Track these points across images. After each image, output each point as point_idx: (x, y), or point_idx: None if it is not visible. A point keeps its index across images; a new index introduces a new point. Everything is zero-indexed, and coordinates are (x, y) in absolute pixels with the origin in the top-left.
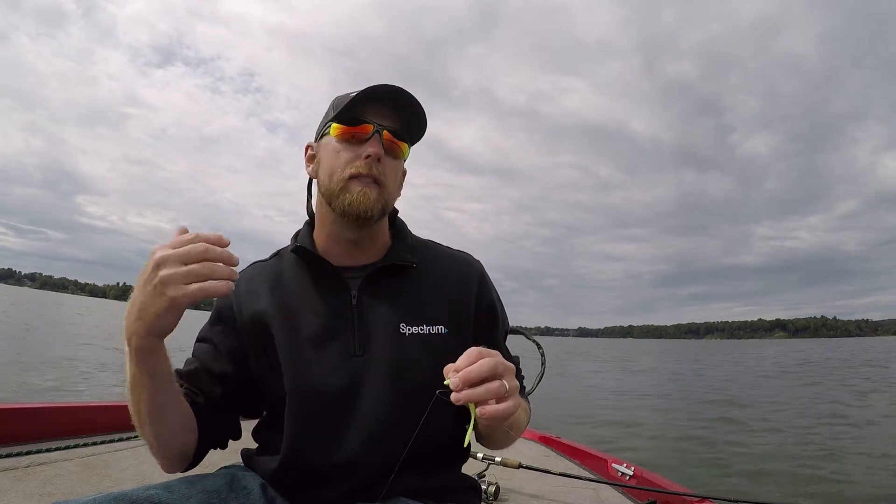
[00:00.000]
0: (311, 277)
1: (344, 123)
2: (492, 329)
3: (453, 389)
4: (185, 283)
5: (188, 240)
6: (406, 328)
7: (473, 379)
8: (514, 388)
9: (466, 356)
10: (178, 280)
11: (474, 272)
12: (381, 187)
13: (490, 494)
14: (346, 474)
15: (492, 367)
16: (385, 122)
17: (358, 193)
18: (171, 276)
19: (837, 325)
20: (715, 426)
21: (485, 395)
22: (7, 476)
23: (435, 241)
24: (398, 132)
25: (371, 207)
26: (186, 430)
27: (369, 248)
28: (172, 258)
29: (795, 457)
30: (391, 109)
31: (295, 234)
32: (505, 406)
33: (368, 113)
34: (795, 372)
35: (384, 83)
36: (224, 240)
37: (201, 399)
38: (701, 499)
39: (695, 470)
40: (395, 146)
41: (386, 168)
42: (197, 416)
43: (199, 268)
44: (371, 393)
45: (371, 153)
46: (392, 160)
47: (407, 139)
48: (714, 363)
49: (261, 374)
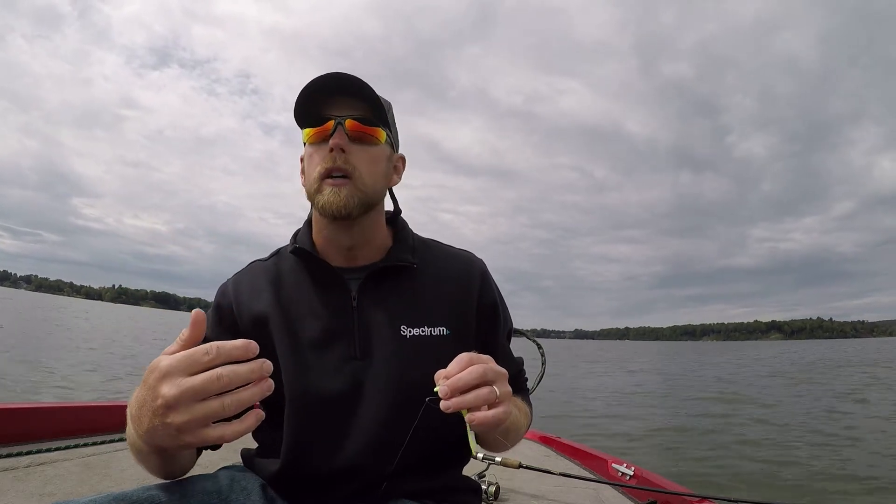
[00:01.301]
0: (310, 279)
1: (308, 125)
2: (494, 329)
3: (442, 397)
4: (204, 427)
5: (205, 364)
6: (407, 330)
7: (462, 387)
8: (505, 394)
9: (457, 362)
10: (194, 427)
11: (476, 271)
12: (354, 180)
13: (490, 494)
14: (347, 477)
15: (481, 374)
16: (348, 112)
17: (329, 193)
18: (187, 424)
19: (833, 326)
20: (715, 426)
21: (474, 402)
22: (7, 476)
23: (436, 240)
24: (366, 119)
25: (345, 204)
26: (188, 462)
27: (366, 248)
28: (186, 397)
29: (795, 457)
30: (353, 98)
31: (294, 235)
32: (494, 413)
33: (329, 107)
34: (794, 372)
35: (323, 74)
36: (251, 349)
37: None
38: (701, 499)
39: (695, 470)
40: (365, 133)
41: (356, 159)
42: None
43: (219, 408)
44: (372, 396)
45: (332, 144)
46: (365, 148)
47: (379, 124)
48: (712, 364)
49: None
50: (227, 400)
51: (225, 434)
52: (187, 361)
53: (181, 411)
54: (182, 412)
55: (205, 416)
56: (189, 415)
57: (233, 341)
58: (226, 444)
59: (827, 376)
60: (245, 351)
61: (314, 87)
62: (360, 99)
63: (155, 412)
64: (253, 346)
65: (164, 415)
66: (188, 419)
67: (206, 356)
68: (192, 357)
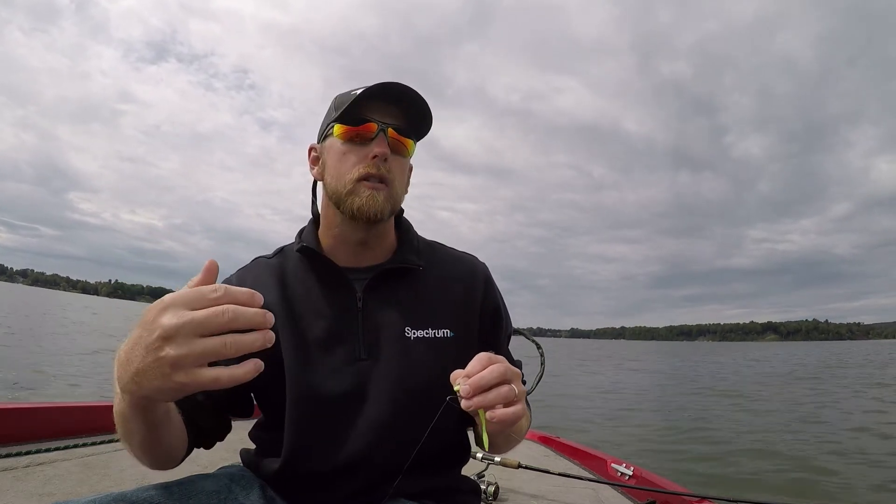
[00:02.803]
0: (316, 278)
1: (347, 124)
2: (496, 332)
3: (464, 396)
4: (199, 367)
5: (211, 300)
6: (412, 332)
7: (485, 385)
8: (521, 394)
9: (477, 362)
10: (190, 363)
11: (480, 275)
12: (390, 187)
13: (489, 494)
14: (348, 477)
15: (502, 374)
16: (389, 120)
17: (367, 196)
18: (182, 359)
19: (829, 328)
20: (714, 426)
21: (496, 401)
22: (7, 476)
23: (440, 241)
24: (403, 129)
25: (381, 209)
26: (177, 445)
27: (376, 248)
28: (187, 329)
29: (795, 457)
30: (394, 106)
31: (299, 233)
32: (514, 410)
33: (372, 111)
34: (792, 373)
35: (385, 81)
36: (256, 298)
37: (201, 397)
38: (700, 499)
39: (694, 470)
40: (401, 144)
41: (393, 167)
42: (189, 422)
43: (220, 345)
44: (376, 397)
45: (378, 153)
46: (399, 158)
47: (412, 136)
48: (711, 364)
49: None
50: (228, 339)
51: (221, 376)
52: (193, 295)
53: (179, 343)
54: (180, 344)
55: (202, 353)
56: (187, 348)
57: (239, 287)
58: (225, 444)
59: (827, 376)
60: (251, 298)
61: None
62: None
63: (149, 347)
64: (258, 296)
65: (159, 348)
66: (185, 353)
67: (213, 293)
68: (200, 292)
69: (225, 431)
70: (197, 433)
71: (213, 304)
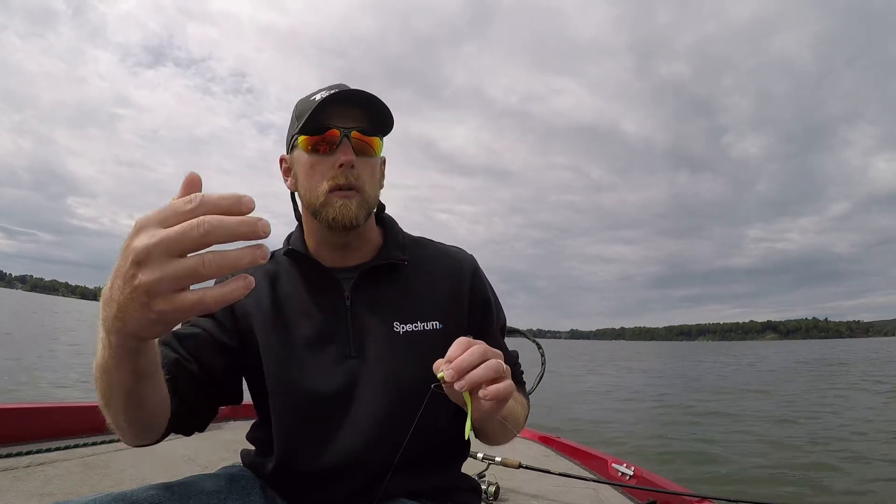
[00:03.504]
0: (304, 280)
1: (310, 133)
2: (486, 323)
3: (448, 380)
4: (177, 292)
5: (185, 212)
6: (400, 326)
7: (467, 367)
8: (507, 371)
9: (457, 346)
10: (166, 288)
11: (467, 266)
12: (361, 192)
13: (490, 494)
14: (345, 475)
15: (483, 353)
16: (351, 123)
17: (340, 206)
18: (156, 283)
19: (829, 326)
20: (714, 426)
21: (485, 375)
22: (7, 476)
23: (427, 237)
24: (366, 130)
25: (355, 216)
26: (160, 411)
27: (360, 248)
28: (159, 250)
29: (795, 456)
30: (354, 108)
31: (287, 237)
32: (505, 384)
33: (333, 117)
34: (792, 372)
35: (340, 88)
36: (244, 202)
37: (194, 367)
38: (701, 499)
39: (694, 470)
40: (366, 145)
41: (362, 171)
42: (176, 392)
43: (199, 264)
44: (367, 393)
45: (343, 161)
46: (367, 160)
47: (377, 133)
48: (710, 363)
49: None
50: (208, 256)
51: (205, 297)
52: (166, 212)
53: (152, 266)
54: (153, 268)
55: (177, 275)
56: (159, 271)
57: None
58: (226, 444)
59: (826, 375)
60: (237, 202)
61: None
62: (363, 109)
63: (126, 276)
64: (247, 199)
65: (133, 275)
66: (158, 276)
67: (188, 205)
68: (172, 206)
69: (207, 418)
70: (179, 407)
71: (188, 218)
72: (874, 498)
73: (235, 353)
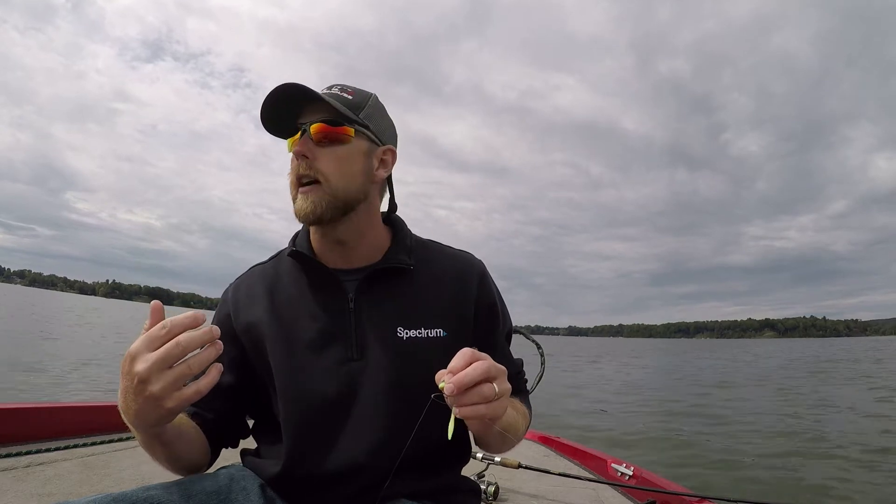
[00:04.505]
0: (307, 281)
1: (282, 136)
2: (492, 331)
3: (448, 394)
4: (178, 391)
5: (161, 337)
6: (404, 332)
7: (468, 384)
8: (504, 391)
9: (461, 357)
10: (170, 391)
11: (474, 272)
12: (323, 183)
13: (489, 494)
14: (347, 478)
15: (485, 370)
16: (316, 116)
17: (298, 201)
18: (163, 391)
19: (827, 324)
20: (714, 426)
21: (478, 401)
22: (7, 476)
23: (436, 240)
24: (330, 120)
25: (313, 210)
26: (201, 452)
27: (362, 247)
28: (155, 368)
29: (795, 456)
30: (314, 101)
31: (293, 237)
32: (487, 407)
33: (302, 115)
34: (791, 370)
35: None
36: (199, 318)
37: (211, 416)
38: (700, 499)
39: (694, 470)
40: (332, 132)
41: (322, 161)
42: (206, 432)
43: (186, 369)
44: (369, 397)
45: (295, 153)
46: (333, 148)
47: (345, 122)
48: (710, 362)
49: (262, 378)
50: (191, 361)
51: (200, 387)
52: (148, 340)
53: (154, 381)
54: (155, 382)
55: (176, 380)
56: (162, 381)
57: (183, 314)
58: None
59: (826, 374)
60: (194, 320)
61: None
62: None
63: (136, 392)
64: (199, 314)
65: (142, 390)
66: (162, 386)
67: (162, 330)
68: (151, 335)
69: (243, 430)
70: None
71: (165, 340)
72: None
73: (243, 379)
